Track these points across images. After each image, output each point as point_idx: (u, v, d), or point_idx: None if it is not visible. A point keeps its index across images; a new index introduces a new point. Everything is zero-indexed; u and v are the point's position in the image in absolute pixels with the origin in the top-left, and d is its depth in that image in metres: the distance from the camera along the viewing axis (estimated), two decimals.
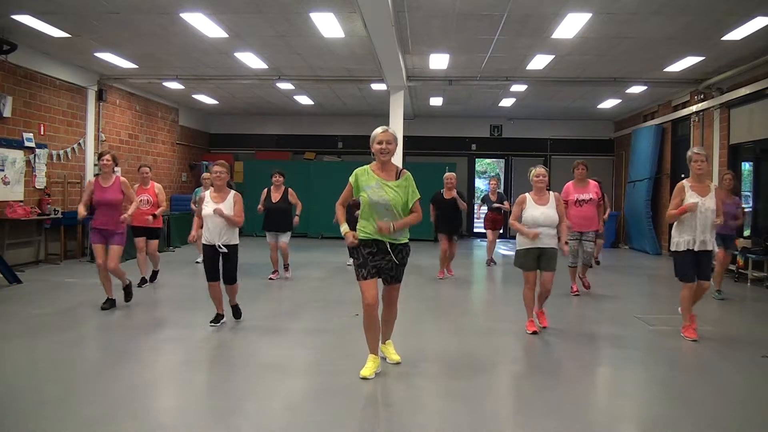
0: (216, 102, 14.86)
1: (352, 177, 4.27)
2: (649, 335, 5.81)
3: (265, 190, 8.51)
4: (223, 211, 5.54)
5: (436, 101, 14.18)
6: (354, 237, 4.19)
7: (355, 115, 16.28)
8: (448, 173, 8.99)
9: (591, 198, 7.45)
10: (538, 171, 5.72)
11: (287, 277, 8.58)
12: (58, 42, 9.00)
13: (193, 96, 14.02)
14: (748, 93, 9.69)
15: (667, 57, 9.55)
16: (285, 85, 12.40)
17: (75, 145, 10.81)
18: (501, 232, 11.01)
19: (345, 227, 4.28)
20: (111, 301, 6.42)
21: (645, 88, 11.67)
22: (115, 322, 5.94)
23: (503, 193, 11.21)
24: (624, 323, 6.27)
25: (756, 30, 7.77)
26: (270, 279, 8.50)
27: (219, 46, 9.26)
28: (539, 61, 9.96)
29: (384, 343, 4.55)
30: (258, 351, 4.98)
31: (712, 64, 9.78)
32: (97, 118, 11.52)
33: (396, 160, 4.32)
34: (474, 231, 17.03)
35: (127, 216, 6.45)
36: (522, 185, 16.16)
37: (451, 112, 15.93)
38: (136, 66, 10.74)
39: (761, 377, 4.53)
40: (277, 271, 8.62)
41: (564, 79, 11.26)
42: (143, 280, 7.86)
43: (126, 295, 6.65)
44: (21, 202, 9.34)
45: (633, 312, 6.78)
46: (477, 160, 18.24)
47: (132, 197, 6.68)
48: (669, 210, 5.52)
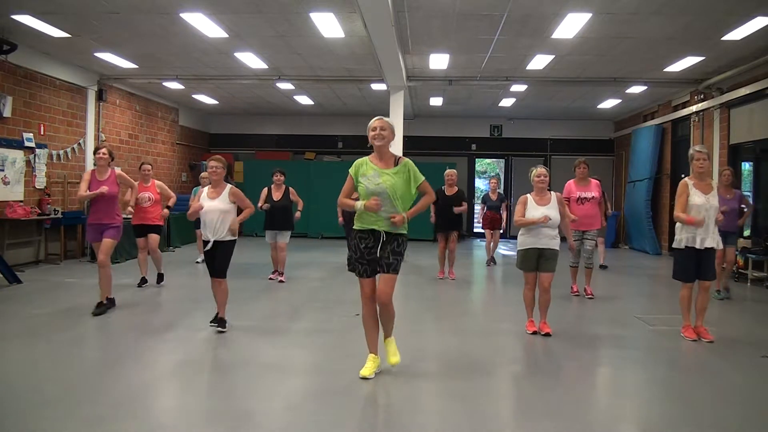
0: (216, 102, 14.86)
1: (351, 168, 4.22)
2: (649, 335, 5.81)
3: (265, 189, 8.40)
4: (234, 228, 5.42)
5: (436, 101, 14.18)
6: (375, 201, 4.00)
7: (355, 115, 16.25)
8: (449, 170, 8.96)
9: (593, 196, 7.40)
10: (539, 171, 5.68)
11: (281, 281, 8.38)
12: (58, 42, 9.00)
13: (193, 96, 14.02)
14: (748, 93, 9.69)
15: (667, 57, 9.55)
16: (285, 85, 12.40)
17: (75, 145, 10.81)
18: (501, 231, 10.93)
19: (360, 203, 4.10)
20: (110, 301, 6.30)
21: (645, 88, 11.67)
22: (115, 322, 5.93)
23: (503, 194, 11.16)
24: (624, 323, 6.27)
25: (756, 30, 7.78)
26: (270, 279, 8.46)
27: (219, 46, 9.26)
28: (539, 61, 9.96)
29: (385, 340, 4.36)
30: (258, 351, 4.98)
31: (712, 64, 9.78)
32: (97, 118, 11.52)
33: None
34: (474, 231, 17.03)
35: (131, 206, 6.56)
36: (522, 185, 16.16)
37: (451, 112, 15.93)
38: (136, 66, 10.74)
39: (761, 377, 4.53)
40: (277, 271, 8.52)
41: (564, 79, 11.26)
42: (143, 280, 7.81)
43: (98, 307, 6.11)
44: (21, 202, 9.34)
45: (633, 312, 6.79)
46: (477, 160, 18.24)
47: (131, 183, 6.69)
48: (676, 211, 5.45)
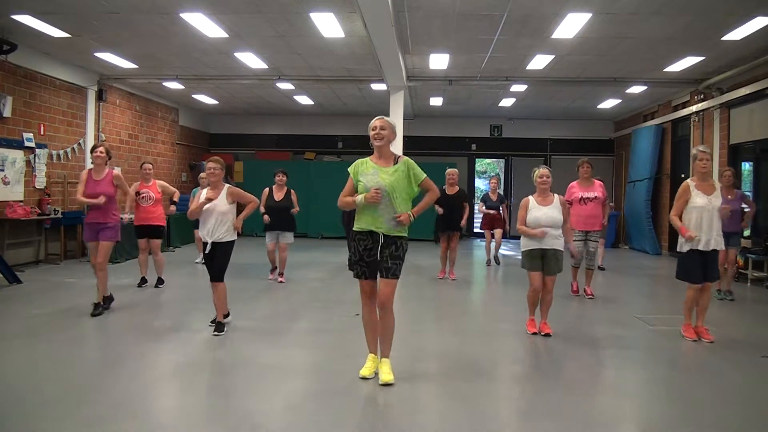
0: (216, 102, 14.85)
1: (351, 168, 4.21)
2: (649, 335, 5.81)
3: (266, 189, 8.28)
4: (239, 226, 5.43)
5: (436, 101, 14.18)
6: (375, 191, 3.97)
7: (355, 115, 16.26)
8: (450, 169, 8.92)
9: (596, 196, 7.33)
10: (541, 172, 5.59)
11: (281, 281, 8.33)
12: (58, 42, 9.00)
13: (193, 96, 14.02)
14: (748, 93, 9.69)
15: (667, 57, 9.54)
16: (285, 85, 12.40)
17: (75, 145, 10.81)
18: (502, 231, 10.86)
19: (360, 196, 4.04)
20: (107, 299, 6.22)
21: (645, 88, 11.66)
22: (115, 322, 5.93)
23: (503, 194, 11.13)
24: (624, 323, 6.27)
25: (756, 30, 7.77)
26: (270, 279, 8.39)
27: (219, 46, 9.26)
28: (539, 61, 9.96)
29: (380, 360, 4.23)
30: (258, 351, 4.97)
31: (712, 64, 9.78)
32: (97, 118, 11.52)
33: None
34: (474, 231, 17.02)
35: (126, 214, 6.33)
36: (522, 185, 16.21)
37: (451, 112, 15.92)
38: (136, 66, 10.74)
39: (761, 377, 4.53)
40: (275, 269, 8.43)
41: (564, 79, 11.26)
42: (143, 279, 7.80)
43: (95, 308, 6.06)
44: (21, 202, 9.34)
45: (633, 312, 6.79)
46: (477, 160, 18.24)
47: (126, 189, 6.57)
48: (673, 213, 5.45)
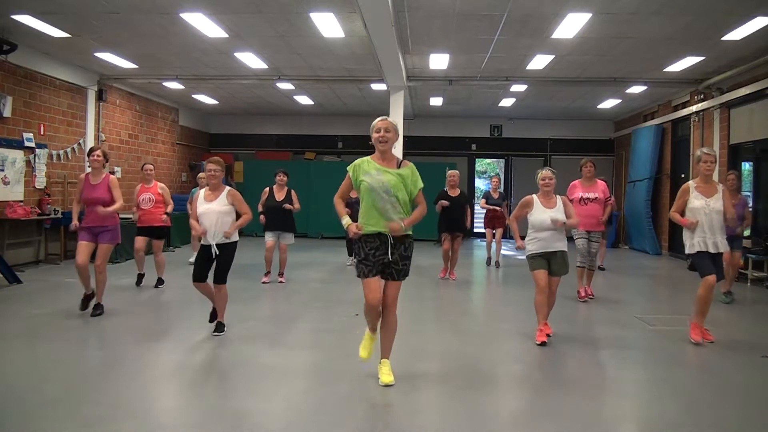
0: (216, 102, 14.86)
1: (350, 168, 4.13)
2: (649, 335, 5.81)
3: (267, 189, 8.25)
4: (230, 233, 5.25)
5: (436, 101, 14.18)
6: (357, 228, 3.99)
7: (355, 115, 16.28)
8: (451, 171, 8.89)
9: (597, 197, 7.31)
10: (544, 174, 5.42)
11: (281, 281, 8.29)
12: (58, 42, 9.00)
13: (193, 96, 14.02)
14: (748, 93, 9.69)
15: (667, 57, 9.54)
16: (285, 85, 12.40)
17: (75, 145, 10.81)
18: (502, 230, 10.85)
19: (347, 219, 4.09)
20: (90, 297, 6.10)
21: (645, 88, 11.66)
22: (115, 322, 5.93)
23: (504, 194, 11.10)
24: (624, 323, 6.27)
25: (756, 30, 7.77)
26: (263, 282, 8.16)
27: (219, 46, 9.26)
28: (539, 61, 9.96)
29: (380, 361, 4.21)
30: (258, 351, 4.97)
31: (712, 64, 9.78)
32: (97, 118, 11.52)
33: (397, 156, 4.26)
34: (474, 231, 16.99)
35: (107, 210, 5.93)
36: (522, 185, 16.21)
37: (451, 112, 15.93)
38: (136, 66, 10.75)
39: (761, 377, 4.53)
40: (270, 273, 8.29)
41: (564, 79, 11.26)
42: (140, 277, 7.77)
43: (95, 309, 6.05)
44: (21, 202, 9.34)
45: (633, 312, 6.79)
46: (477, 160, 18.25)
47: (117, 198, 6.08)
48: (672, 211, 5.54)
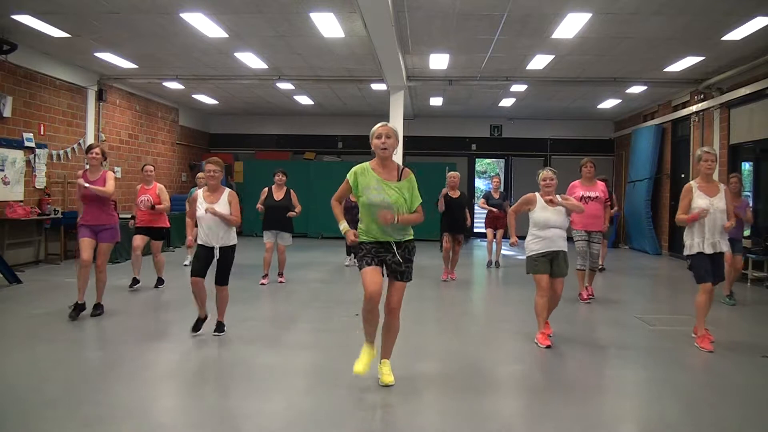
0: (216, 102, 14.86)
1: (350, 175, 4.02)
2: (649, 335, 5.81)
3: (266, 189, 8.27)
4: (216, 210, 5.12)
5: (436, 101, 14.18)
6: (354, 235, 3.95)
7: (355, 115, 16.28)
8: (452, 172, 8.86)
9: (597, 196, 7.28)
10: (545, 174, 5.35)
11: (281, 282, 8.29)
12: (58, 42, 9.00)
13: (193, 96, 14.02)
14: (748, 93, 9.69)
15: (667, 57, 9.54)
16: (285, 85, 12.40)
17: (75, 145, 10.81)
18: (503, 231, 10.86)
19: (344, 225, 4.03)
20: (81, 307, 5.93)
21: (645, 88, 11.66)
22: (115, 322, 5.93)
23: (505, 193, 11.09)
24: (624, 323, 6.27)
25: (756, 30, 7.77)
26: (261, 284, 8.08)
27: (219, 46, 9.26)
28: (539, 61, 9.96)
29: (381, 361, 4.18)
30: (258, 351, 4.97)
31: (712, 64, 9.78)
32: (97, 118, 11.52)
33: (396, 159, 4.21)
34: (474, 231, 16.98)
35: (98, 188, 5.82)
36: (522, 185, 16.19)
37: (451, 112, 15.93)
38: (136, 66, 10.74)
39: (761, 377, 4.53)
40: (268, 275, 8.24)
41: (564, 79, 11.26)
42: (135, 281, 7.58)
43: (95, 309, 6.03)
44: (21, 202, 9.34)
45: (633, 312, 6.79)
46: (477, 160, 18.26)
47: (109, 187, 5.98)
48: (678, 214, 5.35)
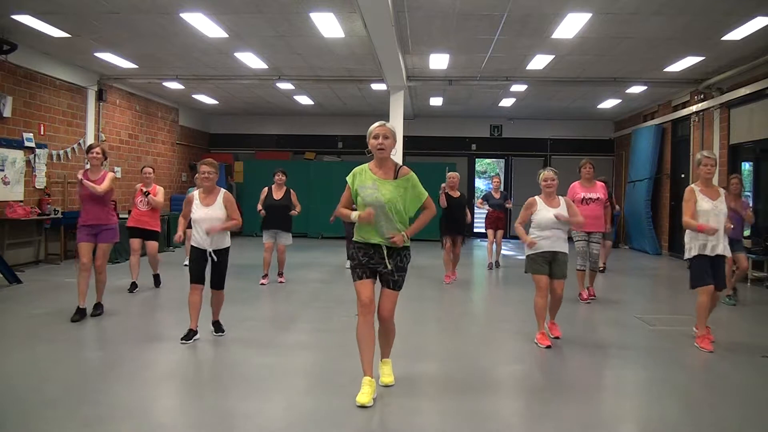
0: (216, 102, 14.86)
1: (349, 177, 4.00)
2: (650, 335, 5.81)
3: (266, 188, 8.27)
4: (216, 227, 5.09)
5: (436, 101, 14.18)
6: (368, 212, 3.78)
7: (355, 115, 16.28)
8: (452, 173, 8.84)
9: (598, 197, 7.29)
10: (546, 174, 5.33)
11: (281, 282, 8.29)
12: (58, 42, 8.99)
13: (193, 96, 14.02)
14: (748, 93, 9.69)
15: (667, 57, 9.54)
16: (285, 85, 12.40)
17: (75, 145, 10.81)
18: (503, 232, 10.84)
19: (354, 213, 3.87)
20: (82, 312, 5.90)
21: (645, 88, 11.66)
22: (115, 322, 5.93)
23: (505, 193, 11.07)
24: (624, 323, 6.28)
25: (756, 30, 7.77)
26: (261, 284, 8.09)
27: (219, 46, 9.25)
28: (539, 61, 9.96)
29: (381, 360, 4.15)
30: (258, 351, 4.98)
31: (712, 64, 9.78)
32: (97, 118, 11.52)
33: (396, 160, 4.19)
34: (474, 231, 16.97)
35: (86, 182, 5.79)
36: (522, 185, 16.22)
37: (451, 112, 15.93)
38: (136, 66, 10.74)
39: (761, 377, 4.53)
40: (267, 275, 8.24)
41: (564, 79, 11.26)
42: (134, 285, 7.48)
43: (95, 309, 6.05)
44: (21, 202, 9.34)
45: (633, 312, 6.79)
46: (477, 160, 18.25)
47: (104, 186, 5.96)
48: (685, 217, 5.28)
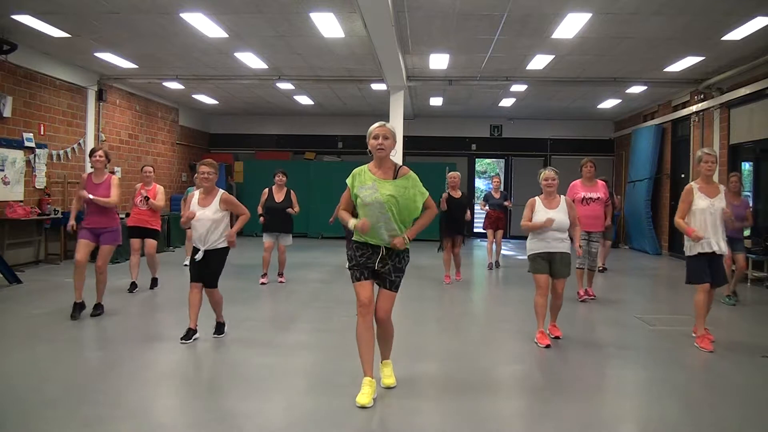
0: (216, 102, 14.86)
1: (349, 179, 3.99)
2: (650, 335, 5.82)
3: (266, 190, 8.25)
4: (234, 239, 5.16)
5: (436, 101, 14.18)
6: (364, 223, 3.80)
7: (355, 115, 16.28)
8: (453, 172, 8.81)
9: (599, 197, 7.29)
10: (546, 174, 5.35)
11: (281, 282, 8.29)
12: (58, 42, 9.00)
13: (193, 96, 14.02)
14: (748, 93, 9.69)
15: (667, 57, 9.54)
16: (285, 85, 12.40)
17: (75, 145, 10.81)
18: (503, 232, 10.84)
19: (352, 221, 3.91)
20: (80, 306, 5.93)
21: (645, 88, 11.66)
22: (115, 322, 5.93)
23: (506, 193, 11.07)
24: (624, 323, 6.27)
25: (756, 30, 7.77)
26: (261, 284, 8.11)
27: (219, 46, 9.26)
28: (539, 61, 9.96)
29: (381, 362, 4.15)
30: (258, 351, 4.98)
31: (712, 64, 9.78)
32: (97, 118, 11.52)
33: (396, 160, 4.18)
34: (474, 231, 16.97)
35: (98, 198, 5.84)
36: (522, 185, 16.22)
37: (451, 112, 15.93)
38: (136, 66, 10.74)
39: (761, 377, 4.53)
40: (267, 275, 8.25)
41: (564, 79, 11.26)
42: (133, 285, 7.46)
43: (95, 309, 6.03)
44: (21, 202, 9.34)
45: (633, 312, 6.79)
46: (477, 160, 18.26)
47: (114, 195, 6.00)
48: (676, 217, 5.31)
